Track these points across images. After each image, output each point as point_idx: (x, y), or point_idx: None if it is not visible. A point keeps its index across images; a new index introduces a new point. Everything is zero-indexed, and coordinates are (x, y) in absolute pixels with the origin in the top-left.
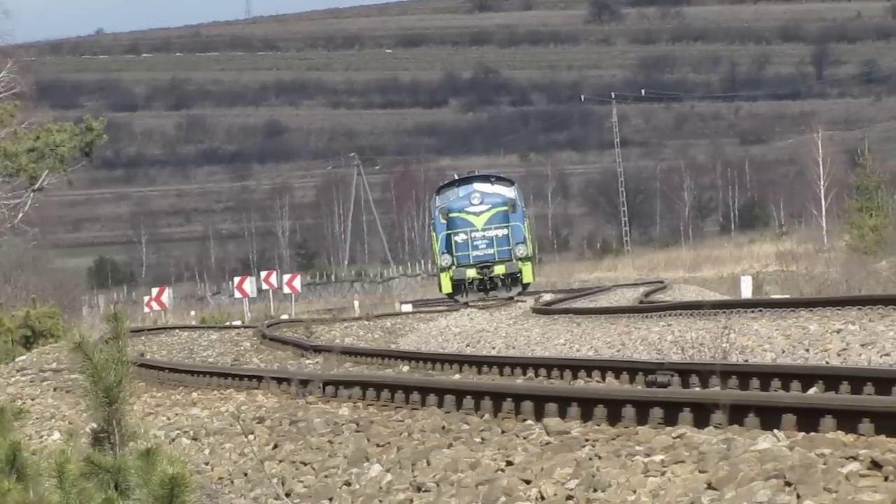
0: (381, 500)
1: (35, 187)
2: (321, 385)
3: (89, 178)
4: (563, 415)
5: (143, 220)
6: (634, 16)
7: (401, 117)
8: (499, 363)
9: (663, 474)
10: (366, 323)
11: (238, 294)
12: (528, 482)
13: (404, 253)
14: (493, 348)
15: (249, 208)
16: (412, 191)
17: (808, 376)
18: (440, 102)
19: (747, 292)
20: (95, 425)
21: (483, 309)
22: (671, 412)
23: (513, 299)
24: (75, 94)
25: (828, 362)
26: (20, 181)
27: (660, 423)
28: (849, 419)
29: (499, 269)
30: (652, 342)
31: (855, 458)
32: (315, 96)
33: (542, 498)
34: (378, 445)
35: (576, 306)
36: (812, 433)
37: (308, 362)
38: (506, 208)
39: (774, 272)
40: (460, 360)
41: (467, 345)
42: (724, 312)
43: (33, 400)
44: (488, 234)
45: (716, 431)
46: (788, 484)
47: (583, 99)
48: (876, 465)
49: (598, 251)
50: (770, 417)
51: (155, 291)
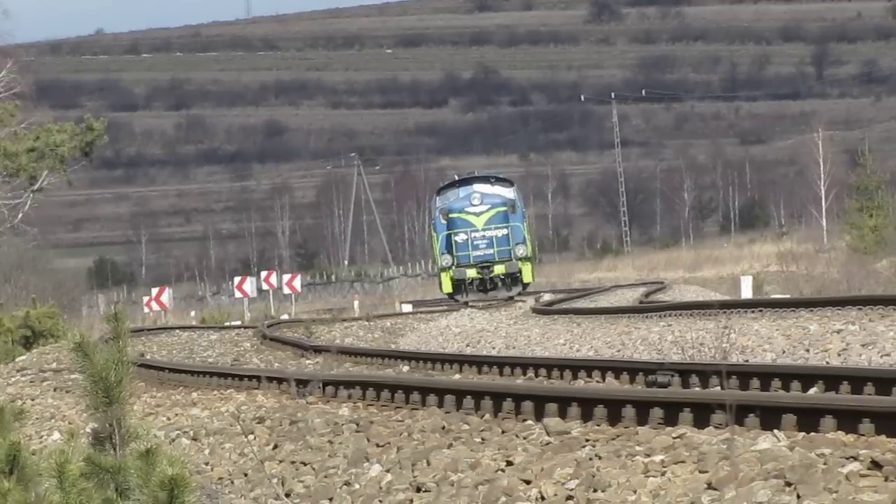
0: (381, 501)
1: (35, 188)
2: (321, 385)
3: (89, 178)
4: (563, 415)
5: (143, 220)
6: (634, 16)
7: (401, 117)
8: (499, 363)
9: (663, 474)
10: (366, 323)
11: (238, 294)
12: (528, 482)
13: (404, 253)
14: (494, 348)
15: (249, 208)
16: (412, 191)
17: (808, 376)
18: (440, 102)
19: (747, 292)
20: (95, 425)
21: (483, 309)
22: (671, 412)
23: (513, 299)
24: (75, 94)
25: (828, 362)
26: (20, 181)
27: (660, 424)
28: (849, 419)
29: (499, 269)
30: (652, 342)
31: (855, 458)
32: (315, 96)
33: (543, 498)
34: (378, 445)
35: (576, 306)
36: (812, 433)
37: (308, 362)
38: (505, 209)
39: (775, 272)
40: (460, 360)
41: (467, 345)
42: (725, 312)
43: (33, 400)
44: (488, 234)
45: (716, 431)
46: (789, 484)
47: (583, 99)
48: (876, 465)
49: (598, 251)
50: (770, 417)
51: (155, 291)
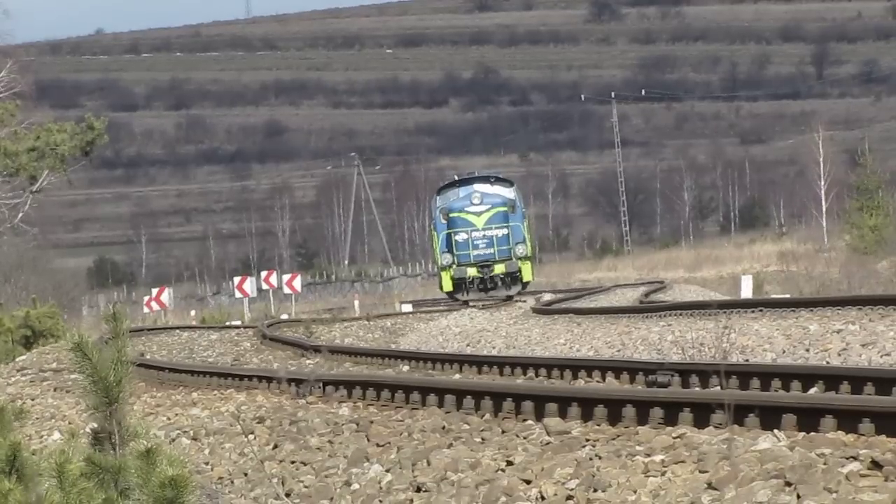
0: (381, 500)
1: (35, 188)
2: (321, 385)
3: (89, 178)
4: (563, 415)
5: (143, 220)
6: (634, 16)
7: (401, 117)
8: (499, 363)
9: (663, 474)
10: (366, 323)
11: (238, 294)
12: (528, 482)
13: (404, 253)
14: (494, 348)
15: (249, 208)
16: (412, 191)
17: (808, 376)
18: (440, 102)
19: (747, 292)
20: (95, 425)
21: (483, 309)
22: (671, 412)
23: (512, 298)
24: (75, 94)
25: (828, 362)
26: (20, 181)
27: (660, 423)
28: (849, 419)
29: (499, 268)
30: (652, 342)
31: (855, 458)
32: (315, 96)
33: (543, 498)
34: (378, 445)
35: (576, 306)
36: (812, 433)
37: (308, 362)
38: (505, 208)
39: (775, 272)
40: (461, 360)
41: (468, 345)
42: (725, 312)
43: (33, 400)
44: (488, 233)
45: (716, 431)
46: (789, 484)
47: (583, 99)
48: (876, 465)
49: (598, 251)
50: (770, 417)
51: (155, 291)
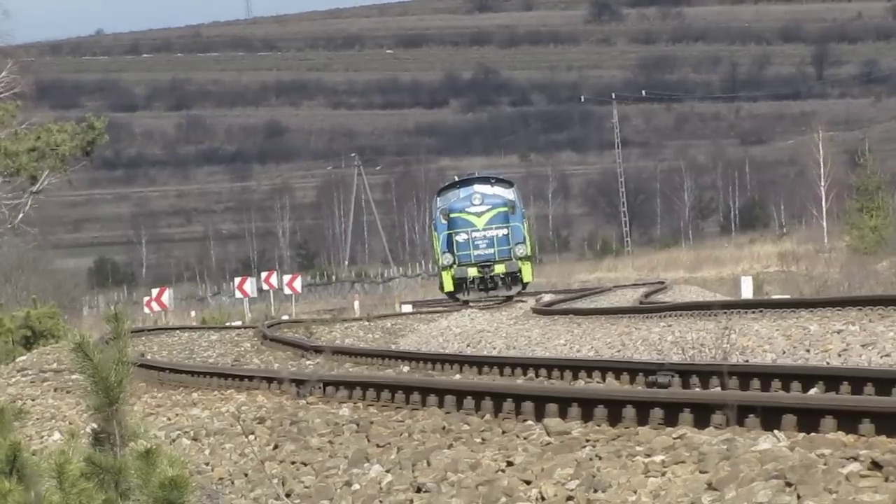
0: (381, 501)
1: (35, 188)
2: (321, 385)
3: (89, 178)
4: (563, 415)
5: (143, 220)
6: (634, 16)
7: (401, 118)
8: (499, 363)
9: (664, 475)
10: (366, 323)
11: (238, 294)
12: (528, 483)
13: (405, 253)
14: (494, 349)
15: (250, 209)
16: (413, 191)
17: (808, 377)
18: (440, 103)
19: (748, 293)
20: (96, 426)
21: (483, 309)
22: (672, 413)
23: (512, 297)
24: (75, 95)
25: (828, 363)
26: (21, 181)
27: (660, 424)
28: (849, 420)
29: (499, 268)
30: (652, 343)
31: (855, 459)
32: (315, 97)
33: (543, 498)
34: (378, 446)
35: (576, 307)
36: (812, 433)
37: (308, 363)
38: (506, 209)
39: (775, 273)
40: (461, 361)
41: (468, 345)
42: (725, 313)
43: (34, 400)
44: (489, 234)
45: (716, 432)
46: (789, 484)
47: (583, 99)
48: (876, 465)
49: (598, 252)
50: (771, 418)
51: (155, 292)
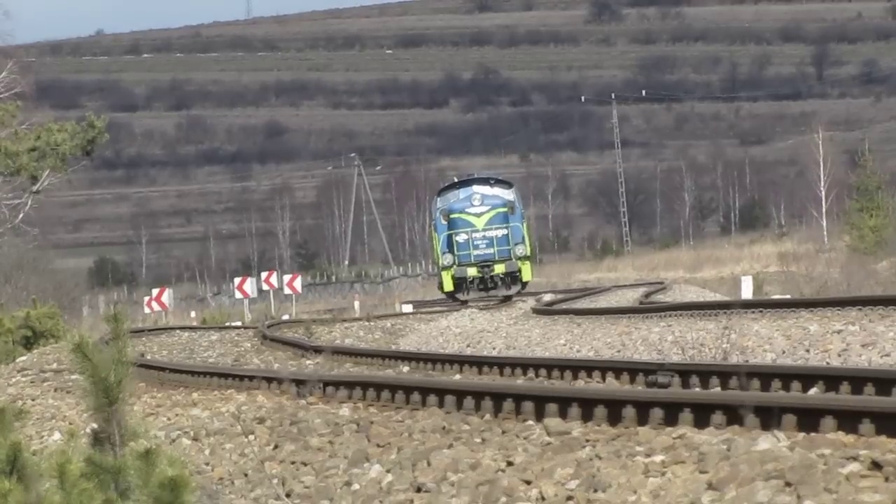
0: (381, 501)
1: (36, 188)
2: (321, 385)
3: (89, 178)
4: (563, 415)
5: (143, 220)
6: (634, 16)
7: (401, 118)
8: (499, 363)
9: (664, 475)
10: (366, 323)
11: (238, 295)
12: (528, 483)
13: (405, 253)
14: (494, 349)
15: (250, 209)
16: (413, 191)
17: (808, 377)
18: (440, 103)
19: (748, 293)
20: (96, 426)
21: (483, 309)
22: (671, 413)
23: (511, 297)
24: (75, 95)
25: (828, 363)
26: (21, 181)
27: (660, 424)
28: (849, 420)
29: (499, 268)
30: (652, 343)
31: (855, 459)
32: (315, 97)
33: (543, 498)
34: (378, 446)
35: (576, 307)
36: (812, 434)
37: (308, 363)
38: (505, 209)
39: (775, 273)
40: (461, 361)
41: (468, 345)
42: (725, 313)
43: (34, 400)
44: (488, 234)
45: (716, 432)
46: (789, 484)
47: (583, 99)
48: (876, 465)
49: (598, 252)
50: (771, 418)
51: (155, 292)
